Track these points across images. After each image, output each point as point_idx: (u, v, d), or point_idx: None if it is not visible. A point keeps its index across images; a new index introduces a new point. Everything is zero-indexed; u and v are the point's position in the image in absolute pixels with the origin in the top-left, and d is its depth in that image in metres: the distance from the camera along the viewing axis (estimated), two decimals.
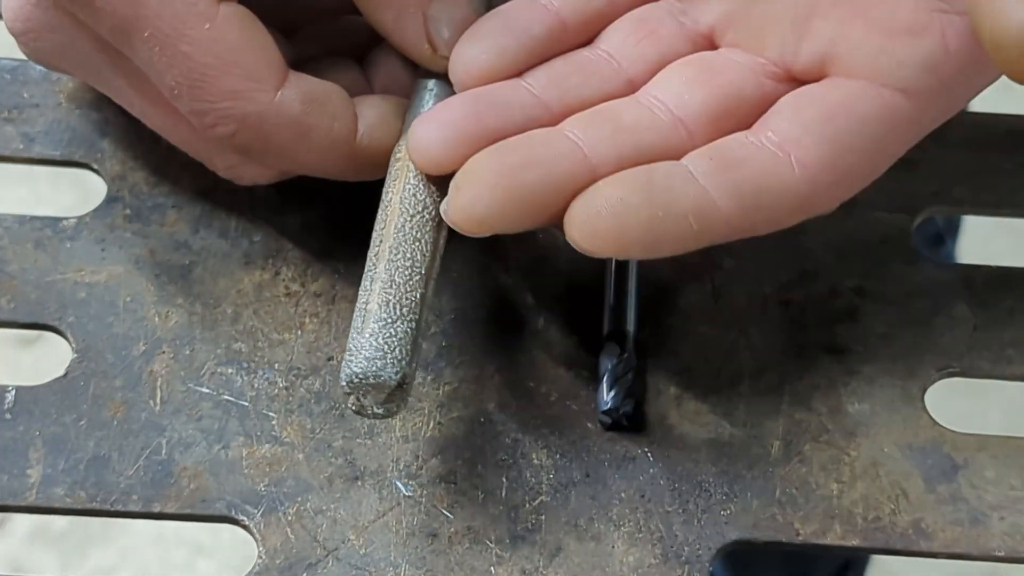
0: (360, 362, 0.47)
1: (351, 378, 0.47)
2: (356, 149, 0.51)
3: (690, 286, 0.54)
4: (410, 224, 0.49)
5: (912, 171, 0.57)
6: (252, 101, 0.49)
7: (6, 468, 0.50)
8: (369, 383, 0.47)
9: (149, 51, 0.49)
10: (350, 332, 0.47)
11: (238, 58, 0.49)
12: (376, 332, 0.47)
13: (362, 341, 0.47)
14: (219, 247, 0.55)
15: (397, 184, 0.50)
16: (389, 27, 0.51)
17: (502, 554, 0.49)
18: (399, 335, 0.47)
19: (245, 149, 0.50)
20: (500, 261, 0.54)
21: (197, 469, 0.50)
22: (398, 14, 0.51)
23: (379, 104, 0.52)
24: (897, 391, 0.52)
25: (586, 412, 0.52)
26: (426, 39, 0.51)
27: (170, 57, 0.49)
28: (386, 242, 0.49)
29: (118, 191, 0.56)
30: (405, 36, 0.52)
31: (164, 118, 0.52)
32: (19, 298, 0.54)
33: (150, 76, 0.50)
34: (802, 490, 0.50)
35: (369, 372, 0.46)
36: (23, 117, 0.57)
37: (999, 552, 0.50)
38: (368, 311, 0.47)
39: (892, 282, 0.54)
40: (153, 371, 0.52)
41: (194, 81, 0.49)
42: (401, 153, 0.50)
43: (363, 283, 0.48)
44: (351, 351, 0.47)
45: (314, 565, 0.49)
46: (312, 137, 0.50)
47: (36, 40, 0.52)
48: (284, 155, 0.50)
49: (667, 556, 0.49)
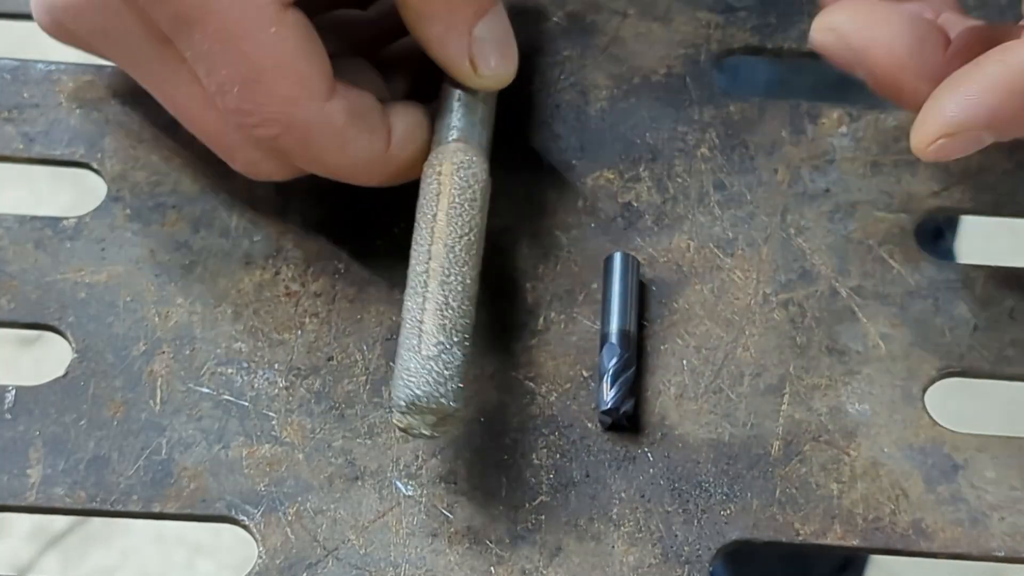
0: (422, 385, 0.47)
1: (412, 400, 0.47)
2: (387, 159, 0.51)
3: (690, 286, 0.54)
4: (460, 245, 0.49)
5: (912, 171, 0.57)
6: (302, 108, 0.49)
7: (6, 468, 0.50)
8: (429, 407, 0.47)
9: (208, 45, 0.49)
10: (401, 350, 0.48)
11: (296, 65, 0.49)
12: (435, 356, 0.47)
13: (420, 363, 0.47)
14: (219, 247, 0.55)
15: (442, 201, 0.50)
16: (433, 41, 0.52)
17: (502, 554, 0.49)
18: (456, 361, 0.48)
19: (281, 152, 0.51)
20: (500, 261, 0.54)
21: (197, 469, 0.50)
22: (445, 30, 0.52)
23: (408, 113, 0.52)
24: (897, 391, 0.52)
25: (586, 412, 0.52)
26: (468, 57, 0.52)
27: (229, 54, 0.49)
28: (436, 260, 0.49)
29: (118, 191, 0.56)
30: (449, 52, 0.52)
31: (193, 109, 0.52)
32: (19, 298, 0.54)
33: (198, 69, 0.50)
34: (802, 490, 0.50)
35: (431, 396, 0.47)
36: (23, 117, 0.57)
37: (999, 552, 0.50)
38: (424, 331, 0.48)
39: (892, 282, 0.54)
40: (153, 371, 0.52)
41: (248, 81, 0.49)
42: (442, 167, 0.51)
43: (411, 299, 0.49)
44: (410, 372, 0.47)
45: (314, 565, 0.49)
46: (351, 148, 0.51)
47: (77, 18, 0.52)
48: (318, 161, 0.51)
49: (667, 556, 0.49)
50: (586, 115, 0.58)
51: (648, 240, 0.55)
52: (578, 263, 0.55)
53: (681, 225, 0.55)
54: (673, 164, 0.57)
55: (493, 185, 0.52)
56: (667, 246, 0.55)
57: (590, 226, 0.55)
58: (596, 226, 0.55)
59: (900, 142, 0.57)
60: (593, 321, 0.53)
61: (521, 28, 0.59)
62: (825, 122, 0.58)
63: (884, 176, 0.57)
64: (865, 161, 0.57)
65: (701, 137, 0.57)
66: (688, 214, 0.56)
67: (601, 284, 0.54)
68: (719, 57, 0.59)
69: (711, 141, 0.57)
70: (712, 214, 0.56)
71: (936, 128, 0.48)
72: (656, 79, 0.59)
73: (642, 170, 0.57)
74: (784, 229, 0.55)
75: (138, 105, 0.57)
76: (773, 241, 0.55)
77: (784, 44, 0.60)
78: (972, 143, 0.48)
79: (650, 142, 0.57)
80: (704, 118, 0.58)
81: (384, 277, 0.54)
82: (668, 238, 0.55)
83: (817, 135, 0.57)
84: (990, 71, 0.48)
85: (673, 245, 0.55)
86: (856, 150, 0.57)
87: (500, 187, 0.56)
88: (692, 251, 0.55)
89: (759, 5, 0.60)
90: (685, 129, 0.57)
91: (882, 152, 0.57)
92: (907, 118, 0.57)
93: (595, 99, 0.58)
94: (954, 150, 0.48)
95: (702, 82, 0.59)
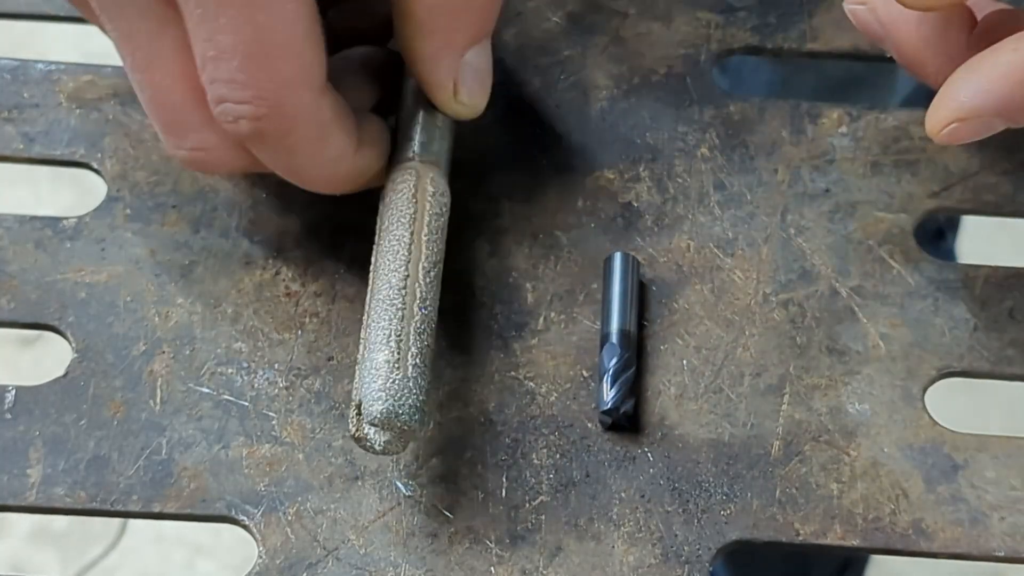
0: (404, 402, 0.47)
1: (390, 415, 0.47)
2: (351, 164, 0.51)
3: (690, 286, 0.54)
4: (435, 271, 0.50)
5: (912, 171, 0.57)
6: (297, 94, 0.48)
7: (6, 468, 0.50)
8: (403, 425, 0.47)
9: (222, 8, 0.47)
10: (375, 362, 0.48)
11: (305, 48, 0.48)
12: (416, 376, 0.48)
13: (401, 381, 0.47)
14: (219, 247, 0.55)
15: (418, 223, 0.50)
16: (425, 58, 0.52)
17: (502, 554, 0.49)
18: (425, 385, 0.48)
19: (252, 137, 0.49)
20: (500, 261, 0.54)
21: (197, 469, 0.50)
22: (440, 49, 0.52)
23: (371, 122, 0.52)
24: (897, 391, 0.52)
25: (586, 412, 0.52)
26: (453, 80, 0.52)
27: (241, 21, 0.47)
28: (415, 282, 0.49)
29: (118, 191, 0.56)
30: (438, 72, 0.52)
31: (162, 77, 0.50)
32: (19, 298, 0.54)
33: (197, 31, 0.48)
34: (802, 490, 0.50)
35: (407, 415, 0.47)
36: (23, 117, 0.57)
37: (999, 552, 0.50)
38: (406, 350, 0.48)
39: (892, 282, 0.54)
40: (153, 371, 0.52)
41: (254, 54, 0.47)
42: (418, 189, 0.51)
43: (387, 313, 0.49)
44: (391, 390, 0.47)
45: (314, 565, 0.49)
46: (327, 145, 0.50)
47: None
48: (290, 153, 0.50)
49: (667, 556, 0.49)
50: (586, 115, 0.58)
51: (648, 240, 0.55)
52: (578, 263, 0.55)
53: (681, 225, 0.55)
54: (673, 164, 0.57)
55: (494, 185, 0.52)
56: (667, 246, 0.55)
57: (590, 226, 0.55)
58: (596, 226, 0.55)
59: (900, 142, 0.57)
60: (593, 321, 0.53)
61: (521, 28, 0.59)
62: (825, 122, 0.58)
63: (884, 176, 0.57)
64: (865, 161, 0.57)
65: (701, 137, 0.57)
66: (688, 214, 0.56)
67: (601, 284, 0.54)
68: (719, 57, 0.59)
69: (711, 141, 0.57)
70: (712, 214, 0.56)
71: (949, 113, 0.49)
72: (656, 79, 0.59)
73: (642, 170, 0.57)
74: (784, 229, 0.55)
75: (138, 105, 0.57)
76: (773, 241, 0.55)
77: (784, 44, 0.60)
78: (984, 128, 0.49)
79: (650, 142, 0.57)
80: (704, 118, 0.58)
81: None
82: (668, 238, 0.55)
83: (817, 135, 0.57)
84: (1004, 59, 0.49)
85: (673, 245, 0.55)
86: (856, 150, 0.57)
87: (500, 187, 0.56)
88: (692, 251, 0.55)
89: (759, 5, 0.60)
90: (685, 129, 0.57)
91: (882, 152, 0.57)
92: (907, 118, 0.57)
93: (595, 99, 0.58)
94: (966, 134, 0.49)
95: (702, 82, 0.59)
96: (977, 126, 0.49)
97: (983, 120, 0.49)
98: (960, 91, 0.49)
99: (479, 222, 0.55)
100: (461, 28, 0.52)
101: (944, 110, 0.49)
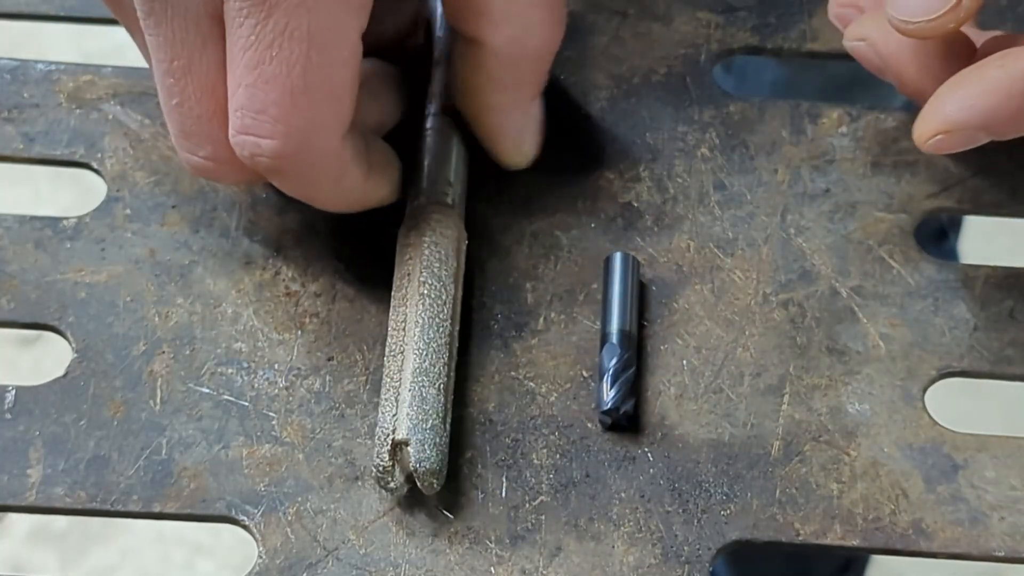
0: (439, 459, 0.49)
1: (431, 469, 0.48)
2: (361, 191, 0.52)
3: (690, 286, 0.54)
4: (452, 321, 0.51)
5: (912, 171, 0.57)
6: (324, 138, 0.49)
7: (6, 468, 0.50)
8: (432, 476, 0.48)
9: (279, 40, 0.47)
10: (415, 414, 0.49)
11: (343, 95, 0.48)
12: (444, 432, 0.49)
13: (434, 437, 0.49)
14: (219, 247, 0.55)
15: (458, 280, 0.52)
16: (495, 109, 0.53)
17: (502, 554, 0.49)
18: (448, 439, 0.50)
19: (274, 171, 0.49)
20: (500, 261, 0.55)
21: (197, 469, 0.50)
22: (512, 102, 0.53)
23: (379, 146, 0.53)
24: (897, 391, 0.52)
25: (586, 412, 0.52)
26: (519, 133, 0.54)
27: (295, 59, 0.47)
28: (454, 341, 0.51)
29: (118, 191, 0.56)
30: (505, 125, 0.54)
31: (199, 88, 0.49)
32: (19, 298, 0.54)
33: (244, 57, 0.47)
34: (802, 490, 0.50)
35: (441, 469, 0.49)
36: (23, 117, 0.57)
37: (999, 552, 0.50)
38: (435, 404, 0.49)
39: (892, 282, 0.54)
40: (153, 371, 0.52)
41: (295, 91, 0.47)
42: (462, 234, 0.53)
43: (437, 364, 0.50)
44: (435, 445, 0.49)
45: (314, 565, 0.49)
46: (343, 181, 0.50)
47: None
48: (303, 187, 0.50)
49: (667, 556, 0.49)
50: (586, 115, 0.58)
51: (648, 240, 0.55)
52: (578, 263, 0.55)
53: (681, 225, 0.55)
54: (673, 164, 0.57)
55: (494, 185, 0.52)
56: (667, 246, 0.55)
57: (590, 226, 0.55)
58: (596, 226, 0.55)
59: (900, 142, 0.57)
60: (593, 321, 0.53)
61: None
62: (825, 122, 0.58)
63: (884, 176, 0.57)
64: (865, 161, 0.57)
65: (701, 137, 0.57)
66: (688, 214, 0.56)
67: (601, 284, 0.54)
68: (719, 57, 0.59)
69: (711, 141, 0.57)
70: (712, 214, 0.56)
71: (936, 125, 0.51)
72: (656, 79, 0.59)
73: (642, 170, 0.57)
74: (784, 229, 0.55)
75: (138, 105, 0.57)
76: (773, 241, 0.55)
77: (784, 44, 0.60)
78: (968, 140, 0.51)
79: (650, 142, 0.57)
80: (704, 118, 0.58)
81: (384, 277, 0.53)
82: (668, 238, 0.55)
83: (817, 135, 0.57)
84: (989, 75, 0.51)
85: (673, 245, 0.55)
86: (856, 150, 0.57)
87: (500, 187, 0.56)
88: (692, 251, 0.55)
89: (759, 5, 0.60)
90: (685, 129, 0.57)
91: (882, 152, 0.57)
92: (907, 119, 0.57)
93: (595, 99, 0.58)
94: (951, 145, 0.52)
95: (702, 82, 0.59)
96: (961, 138, 0.51)
97: (967, 133, 0.51)
98: (946, 104, 0.51)
99: (479, 222, 0.55)
100: (533, 82, 0.53)
101: (931, 122, 0.51)
